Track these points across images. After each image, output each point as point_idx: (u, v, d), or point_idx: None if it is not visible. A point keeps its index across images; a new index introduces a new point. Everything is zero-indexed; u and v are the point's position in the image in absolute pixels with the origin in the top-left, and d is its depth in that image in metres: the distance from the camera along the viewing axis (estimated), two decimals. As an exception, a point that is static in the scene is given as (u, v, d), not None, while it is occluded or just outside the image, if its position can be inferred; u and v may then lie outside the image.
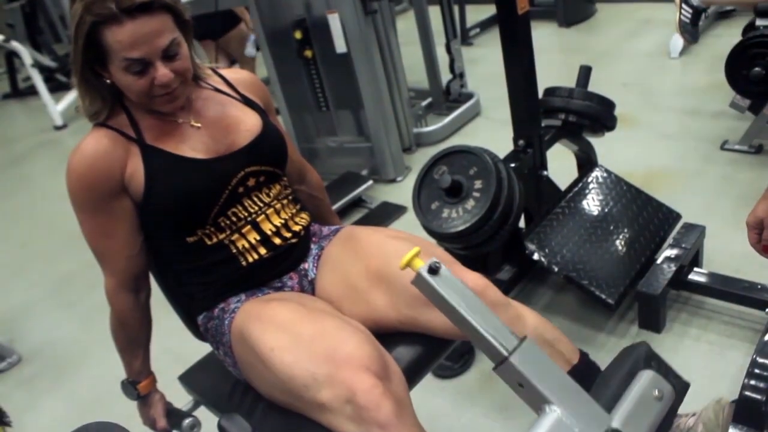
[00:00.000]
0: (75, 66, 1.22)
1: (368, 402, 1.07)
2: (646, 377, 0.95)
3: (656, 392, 0.93)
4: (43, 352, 2.65)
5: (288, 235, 1.39)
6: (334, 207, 2.25)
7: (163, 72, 1.20)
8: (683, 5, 3.03)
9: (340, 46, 3.07)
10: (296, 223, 1.42)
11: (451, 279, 0.95)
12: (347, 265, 1.37)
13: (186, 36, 1.25)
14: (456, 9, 4.21)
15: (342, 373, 1.10)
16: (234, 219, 1.33)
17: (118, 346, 1.39)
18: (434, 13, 3.84)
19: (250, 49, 3.90)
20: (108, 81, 1.25)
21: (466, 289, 0.95)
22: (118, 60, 1.17)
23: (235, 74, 1.46)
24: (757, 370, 1.42)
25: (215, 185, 1.30)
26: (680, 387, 0.98)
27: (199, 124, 1.33)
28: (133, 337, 1.38)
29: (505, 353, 0.86)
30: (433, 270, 0.95)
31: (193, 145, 1.30)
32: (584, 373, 1.30)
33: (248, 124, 1.37)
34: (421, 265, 0.96)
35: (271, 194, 1.39)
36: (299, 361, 1.14)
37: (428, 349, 1.35)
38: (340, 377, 1.10)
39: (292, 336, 1.18)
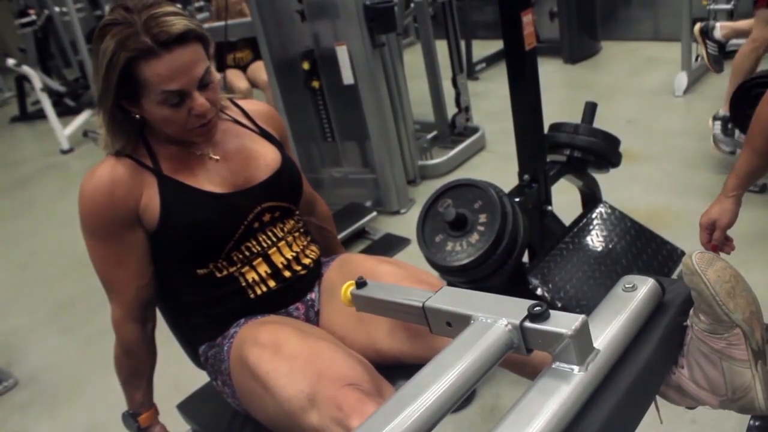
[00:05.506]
0: (104, 104, 1.19)
1: (353, 411, 1.02)
2: None
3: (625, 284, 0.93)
4: (40, 377, 2.62)
5: (298, 268, 1.38)
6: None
7: (201, 101, 1.18)
8: (708, 42, 3.11)
9: (348, 78, 3.10)
10: (306, 256, 1.40)
11: (376, 284, 1.14)
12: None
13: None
14: (462, 44, 4.26)
15: (327, 391, 1.06)
16: (247, 253, 1.32)
17: (122, 377, 1.37)
18: (441, 47, 3.89)
19: None
20: (137, 116, 1.24)
21: (391, 285, 1.15)
22: (155, 93, 1.15)
23: (253, 105, 1.45)
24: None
25: (231, 220, 1.29)
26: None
27: (217, 157, 1.31)
28: (137, 368, 1.36)
29: (420, 303, 1.00)
30: (360, 284, 1.14)
31: (210, 177, 1.29)
32: None
33: (267, 158, 1.36)
34: (351, 287, 1.15)
35: (285, 229, 1.38)
36: (294, 383, 1.11)
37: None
38: (326, 394, 1.06)
39: (287, 358, 1.15)
